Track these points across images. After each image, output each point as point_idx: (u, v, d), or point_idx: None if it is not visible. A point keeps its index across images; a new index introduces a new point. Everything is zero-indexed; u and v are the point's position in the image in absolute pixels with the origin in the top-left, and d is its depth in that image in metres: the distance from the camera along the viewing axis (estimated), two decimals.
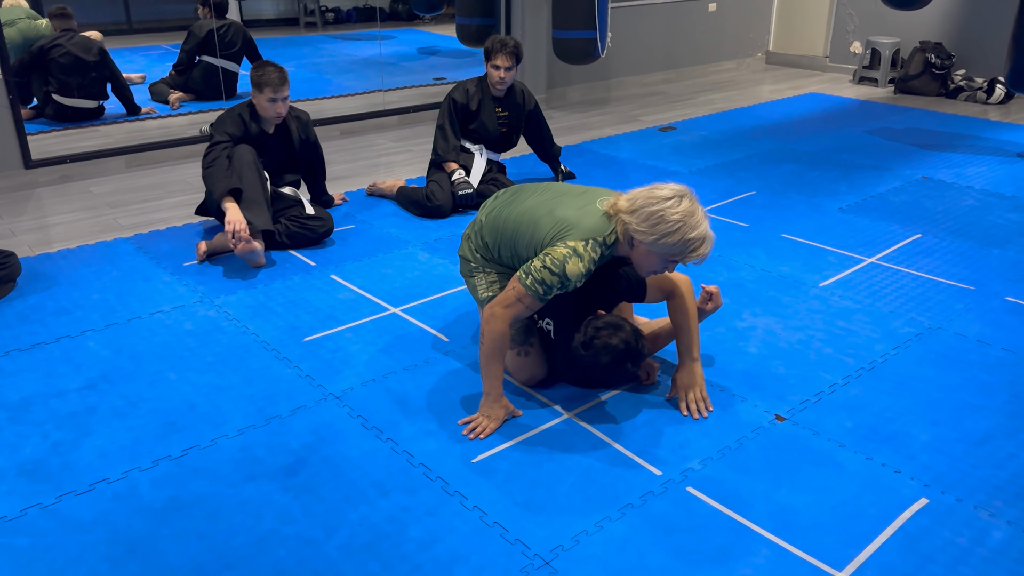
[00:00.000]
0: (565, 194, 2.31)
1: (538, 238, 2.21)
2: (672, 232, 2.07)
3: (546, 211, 2.24)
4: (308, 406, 2.37)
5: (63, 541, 1.86)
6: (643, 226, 2.09)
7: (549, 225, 2.20)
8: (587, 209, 2.20)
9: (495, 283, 2.42)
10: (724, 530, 1.88)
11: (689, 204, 2.10)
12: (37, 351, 2.67)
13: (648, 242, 2.10)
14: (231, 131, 3.41)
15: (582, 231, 2.14)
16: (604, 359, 2.17)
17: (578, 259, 2.11)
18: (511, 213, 2.33)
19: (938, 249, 3.47)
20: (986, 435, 2.23)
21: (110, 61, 5.24)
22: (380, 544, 1.84)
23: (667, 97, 6.54)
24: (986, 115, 5.87)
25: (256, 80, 3.38)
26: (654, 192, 2.12)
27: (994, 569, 1.77)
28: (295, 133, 3.60)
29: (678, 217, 2.07)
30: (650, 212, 2.09)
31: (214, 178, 3.29)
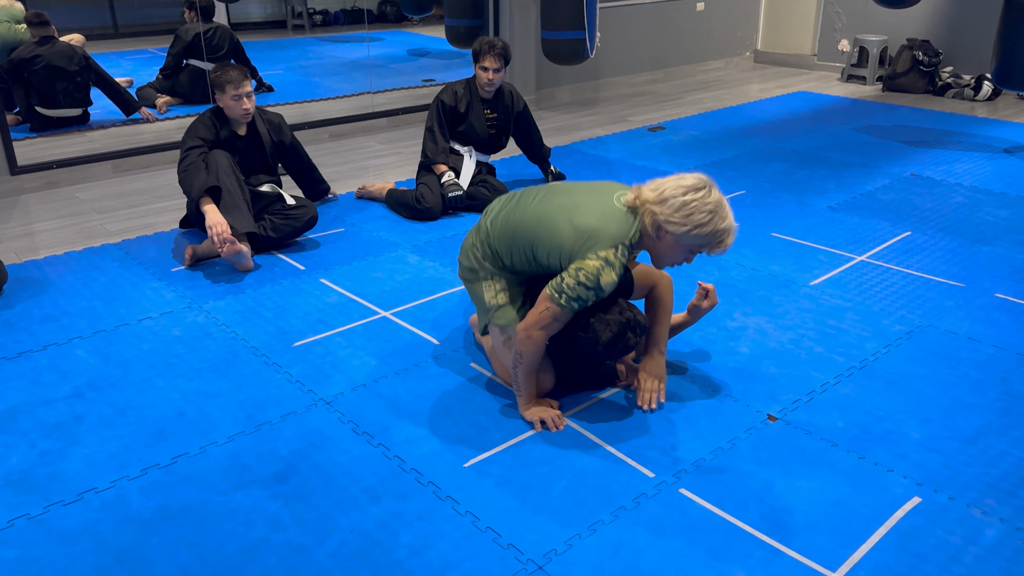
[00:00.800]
0: (577, 193, 2.24)
1: (562, 248, 2.15)
2: (705, 223, 2.06)
3: (565, 219, 2.16)
4: (298, 412, 2.35)
5: (51, 552, 1.83)
6: (676, 216, 2.07)
7: (572, 236, 2.13)
8: (607, 211, 2.15)
9: (503, 291, 2.34)
10: (717, 531, 1.88)
11: (718, 195, 2.10)
12: (24, 359, 2.65)
13: (680, 233, 2.08)
14: (203, 135, 3.40)
15: (609, 238, 2.10)
16: (605, 336, 2.17)
17: (610, 268, 2.09)
18: (523, 219, 2.25)
19: (928, 246, 3.48)
20: (977, 433, 2.23)
21: (95, 66, 5.19)
22: (371, 551, 1.83)
23: (656, 97, 6.54)
24: (974, 112, 5.89)
25: (215, 81, 3.38)
26: (681, 182, 2.10)
27: (987, 567, 1.77)
28: (265, 136, 3.59)
29: (711, 207, 2.07)
30: (683, 202, 2.06)
31: (190, 180, 3.28)
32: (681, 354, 2.64)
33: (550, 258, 2.20)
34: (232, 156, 3.43)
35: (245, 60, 5.97)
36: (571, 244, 2.13)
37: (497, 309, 2.34)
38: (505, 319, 2.33)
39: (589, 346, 2.21)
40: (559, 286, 2.12)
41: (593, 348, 2.21)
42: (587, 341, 2.20)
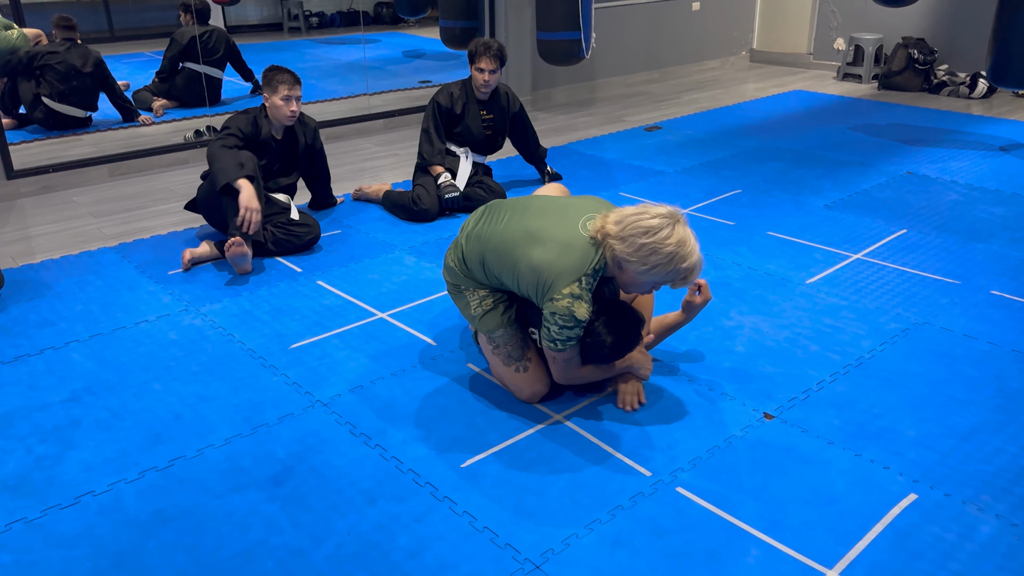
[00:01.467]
0: (544, 216, 2.22)
1: (522, 283, 2.18)
2: (664, 263, 2.07)
3: (523, 254, 2.15)
4: (295, 414, 2.35)
5: (48, 556, 1.83)
6: (635, 256, 2.06)
7: (530, 275, 2.13)
8: (570, 240, 2.13)
9: (486, 299, 2.34)
10: (714, 530, 1.88)
11: (682, 231, 2.08)
12: (20, 363, 2.65)
13: (639, 271, 2.09)
14: (244, 128, 3.44)
15: (569, 273, 2.10)
16: (608, 339, 2.20)
17: (579, 300, 2.10)
18: (489, 244, 2.24)
19: (923, 244, 3.48)
20: (973, 430, 2.23)
21: (106, 70, 5.24)
22: (368, 553, 1.83)
23: (652, 97, 6.55)
24: (969, 110, 5.90)
25: (269, 80, 3.43)
26: (643, 220, 2.07)
27: (983, 564, 1.77)
28: (302, 139, 3.65)
29: (671, 250, 2.05)
30: (642, 244, 2.05)
31: (225, 159, 3.28)
32: (677, 353, 2.64)
33: (518, 289, 2.23)
34: (260, 159, 3.47)
35: (241, 63, 5.97)
36: (530, 283, 2.16)
37: (482, 316, 2.34)
38: (490, 325, 2.34)
39: (595, 349, 2.24)
40: (548, 336, 2.18)
41: (599, 351, 2.24)
42: (593, 345, 2.23)
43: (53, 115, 5.09)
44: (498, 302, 2.35)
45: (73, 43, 5.14)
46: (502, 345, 2.34)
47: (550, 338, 2.18)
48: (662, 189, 4.21)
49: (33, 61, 5.04)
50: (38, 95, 5.06)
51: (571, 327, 2.13)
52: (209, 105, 5.60)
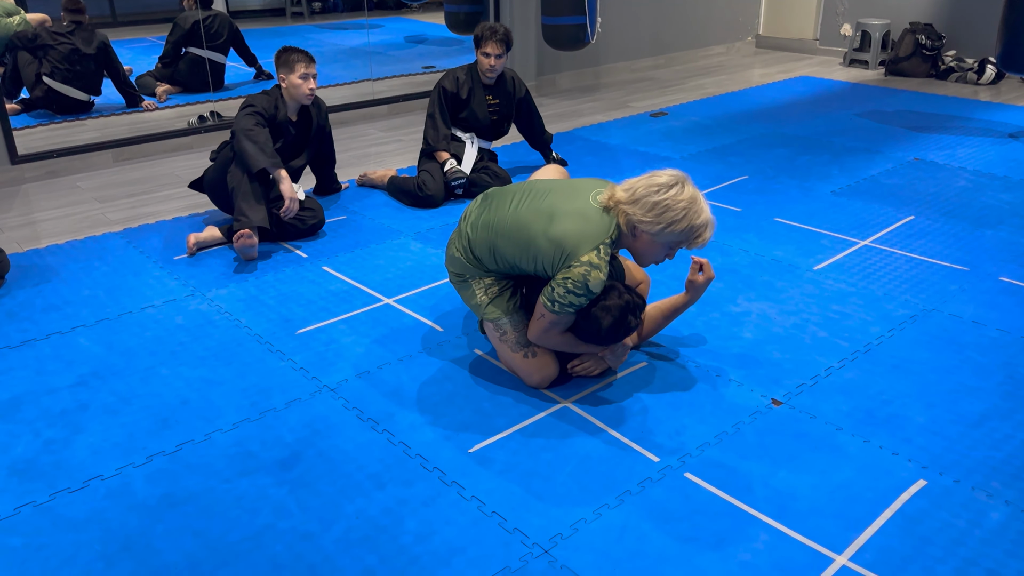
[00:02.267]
0: (553, 195, 2.23)
1: (543, 260, 2.17)
2: (678, 220, 2.07)
3: (540, 229, 2.16)
4: (302, 399, 2.35)
5: (57, 540, 1.84)
6: (648, 216, 2.08)
7: (549, 249, 2.14)
8: (584, 211, 2.15)
9: (492, 286, 2.34)
10: (723, 515, 1.88)
11: (691, 190, 2.10)
12: (27, 348, 2.65)
13: (654, 232, 2.09)
14: (267, 109, 3.45)
15: (589, 241, 2.11)
16: (607, 322, 2.20)
17: (596, 269, 2.10)
18: (501, 228, 2.24)
19: (931, 231, 3.47)
20: (982, 416, 2.23)
21: (111, 53, 5.24)
22: (377, 537, 1.83)
23: (657, 83, 6.51)
24: (977, 96, 5.86)
25: (285, 60, 3.45)
26: (653, 180, 2.10)
27: (992, 550, 1.77)
28: (315, 120, 3.66)
29: (683, 205, 2.07)
30: (654, 202, 2.07)
31: (261, 142, 3.31)
32: (685, 339, 2.64)
33: (535, 268, 2.22)
34: (276, 141, 3.49)
35: (244, 48, 5.95)
36: (550, 256, 2.15)
37: (488, 304, 2.34)
38: (496, 313, 2.33)
39: (592, 332, 2.23)
40: (551, 295, 2.15)
41: (596, 334, 2.23)
42: (589, 328, 2.22)
43: (54, 96, 5.08)
44: (503, 289, 2.34)
45: (80, 25, 5.13)
46: (509, 332, 2.34)
47: (551, 298, 2.15)
48: None
49: (36, 40, 5.04)
50: (39, 75, 5.05)
51: (579, 294, 2.12)
52: (213, 90, 5.57)
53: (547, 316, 2.21)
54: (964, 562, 1.74)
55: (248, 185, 3.28)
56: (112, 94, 5.37)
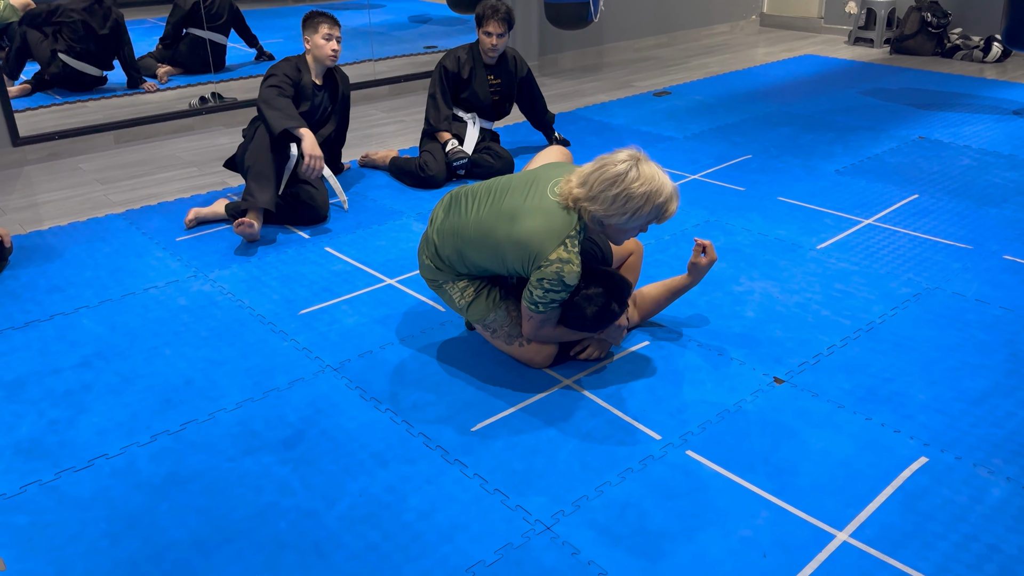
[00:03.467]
0: (512, 193, 2.17)
1: (511, 264, 2.14)
2: (642, 206, 2.04)
3: (504, 233, 2.11)
4: (305, 379, 2.36)
5: (62, 518, 1.85)
6: (612, 210, 2.04)
7: (516, 250, 2.10)
8: (545, 209, 2.10)
9: (467, 288, 2.31)
10: (724, 492, 1.88)
11: (647, 170, 2.05)
12: (31, 329, 2.65)
13: (621, 222, 2.07)
14: (290, 75, 3.44)
15: (554, 238, 2.07)
16: (591, 311, 2.20)
17: (568, 264, 2.08)
18: (465, 234, 2.21)
19: (935, 209, 3.45)
20: (984, 394, 2.23)
21: (124, 33, 5.26)
22: (380, 514, 1.84)
23: (660, 62, 6.47)
24: (983, 74, 5.82)
25: (309, 22, 3.47)
26: (606, 172, 2.04)
27: (994, 526, 1.77)
28: (340, 86, 3.66)
29: (643, 191, 2.03)
30: (614, 195, 2.03)
31: (283, 106, 3.30)
32: (687, 318, 2.63)
33: (506, 270, 2.21)
34: (301, 105, 3.47)
35: (245, 28, 5.92)
36: (519, 258, 2.12)
37: (468, 307, 2.32)
38: (480, 313, 2.32)
39: (579, 322, 2.23)
40: (531, 298, 2.15)
41: (582, 323, 2.23)
42: (576, 318, 2.22)
43: (69, 72, 5.10)
44: (479, 289, 2.31)
45: (98, 2, 5.15)
46: (498, 328, 2.33)
47: (531, 300, 2.15)
48: (671, 155, 4.17)
49: (52, 16, 5.05)
50: (55, 51, 5.07)
51: (557, 291, 2.11)
52: (214, 71, 5.55)
53: (534, 316, 2.21)
54: (965, 538, 1.74)
55: (261, 165, 3.26)
56: (113, 76, 5.35)
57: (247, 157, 3.31)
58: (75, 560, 1.73)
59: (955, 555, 1.70)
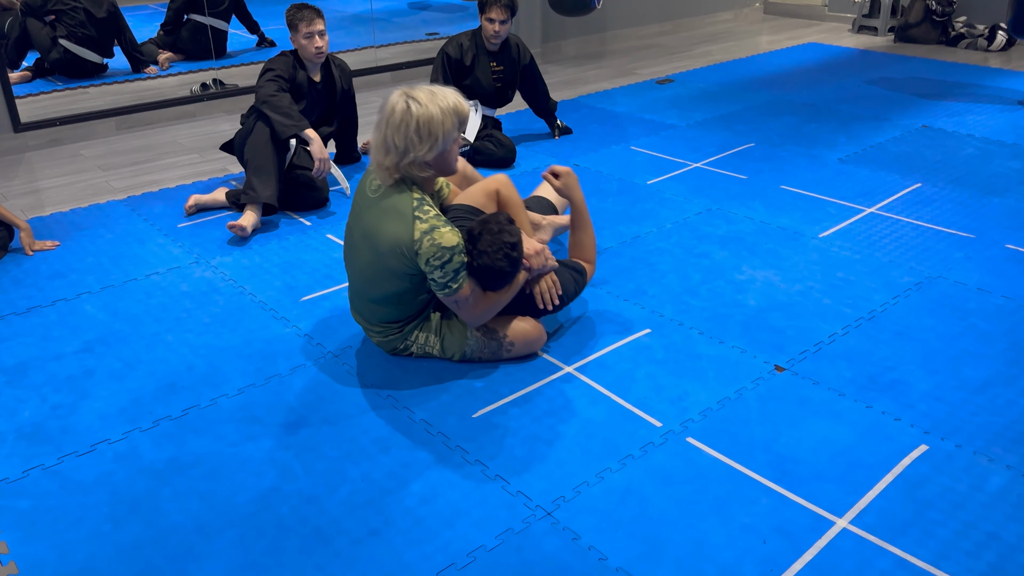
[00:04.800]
0: (359, 218, 2.19)
1: (401, 270, 2.12)
2: (436, 120, 2.04)
3: (373, 254, 2.13)
4: (307, 365, 2.36)
5: (65, 502, 1.86)
6: (418, 144, 2.05)
7: (392, 258, 2.10)
8: (380, 205, 2.11)
9: (421, 334, 2.31)
10: (724, 479, 1.89)
11: (420, 92, 2.06)
12: (33, 315, 2.66)
13: (434, 148, 2.07)
14: (285, 72, 3.40)
15: (405, 221, 2.07)
16: (496, 260, 2.14)
17: (435, 230, 2.06)
18: (356, 279, 2.25)
19: (938, 198, 3.44)
20: (985, 382, 2.23)
21: (120, 18, 5.28)
22: (382, 499, 1.85)
23: (664, 49, 6.45)
24: (987, 63, 5.79)
25: (289, 20, 3.39)
26: (393, 119, 2.04)
27: (993, 514, 1.78)
28: (339, 83, 3.62)
29: (434, 109, 2.03)
30: (407, 130, 2.03)
31: (285, 108, 3.28)
32: (688, 306, 2.64)
33: (411, 282, 2.17)
34: (298, 103, 3.44)
35: (247, 14, 5.90)
36: (402, 263, 2.11)
37: (442, 348, 2.31)
38: (456, 347, 2.30)
39: (497, 278, 2.18)
40: (440, 286, 2.12)
41: (501, 277, 2.18)
42: (492, 277, 2.18)
43: (70, 58, 5.09)
44: (434, 332, 2.31)
45: None
46: (481, 348, 2.32)
47: (442, 287, 2.12)
48: (673, 143, 4.16)
49: (47, 5, 5.04)
50: (55, 38, 5.06)
51: (449, 259, 2.07)
52: (215, 58, 5.53)
53: (460, 298, 2.16)
54: (964, 525, 1.75)
55: (262, 159, 3.25)
56: (114, 63, 5.34)
57: (247, 150, 3.30)
58: (77, 544, 1.74)
59: (954, 542, 1.71)
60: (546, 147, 4.16)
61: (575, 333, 2.49)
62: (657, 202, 3.46)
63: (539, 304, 2.34)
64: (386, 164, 2.10)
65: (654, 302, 2.66)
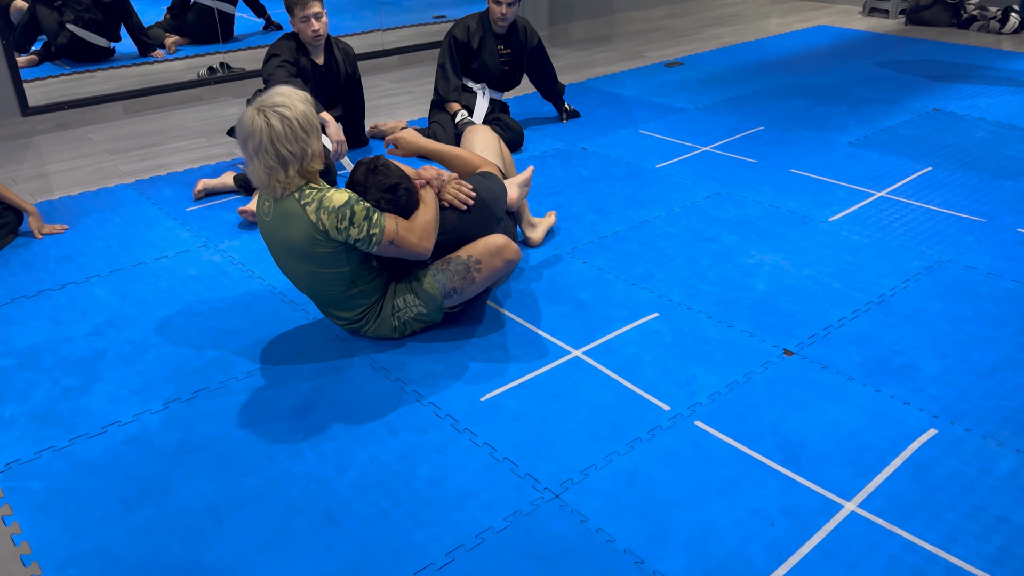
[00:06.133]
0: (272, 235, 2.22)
1: (319, 248, 2.15)
2: (303, 121, 2.09)
3: (302, 259, 2.18)
4: (315, 348, 2.37)
5: (77, 483, 1.88)
6: (314, 141, 2.11)
7: (310, 243, 2.13)
8: (285, 213, 2.14)
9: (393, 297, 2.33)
10: (732, 462, 1.89)
11: (264, 102, 2.09)
12: (43, 298, 2.67)
13: (313, 146, 2.12)
14: (289, 56, 3.38)
15: (297, 213, 2.11)
16: (400, 194, 2.23)
17: (324, 197, 2.10)
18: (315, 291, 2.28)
19: (949, 182, 3.42)
20: (995, 366, 2.22)
21: (128, 4, 5.27)
22: (391, 481, 1.86)
23: (672, 32, 6.40)
24: (999, 45, 5.73)
25: (286, 3, 3.37)
26: (274, 141, 2.06)
27: (1001, 497, 1.78)
28: (342, 67, 3.59)
29: (290, 113, 2.07)
30: (300, 137, 2.08)
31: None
32: (697, 290, 2.63)
33: (345, 261, 2.20)
34: (305, 83, 3.42)
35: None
36: (323, 247, 2.14)
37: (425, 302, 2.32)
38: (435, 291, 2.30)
39: (407, 201, 2.24)
40: (366, 239, 2.14)
41: (408, 197, 2.24)
42: (403, 207, 2.23)
43: (77, 42, 5.09)
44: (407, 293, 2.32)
45: None
46: (459, 280, 2.30)
47: (367, 241, 2.14)
48: (682, 126, 4.14)
49: None
50: (61, 23, 5.06)
51: (351, 215, 2.10)
52: (222, 41, 5.52)
53: (394, 238, 2.16)
54: (973, 508, 1.75)
55: None
56: (121, 47, 5.33)
57: None
58: (89, 525, 1.76)
59: (963, 525, 1.71)
60: (554, 131, 4.15)
61: (583, 317, 2.49)
62: (666, 186, 3.45)
63: (458, 205, 2.35)
64: (284, 179, 2.11)
65: (662, 286, 2.66)
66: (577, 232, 3.04)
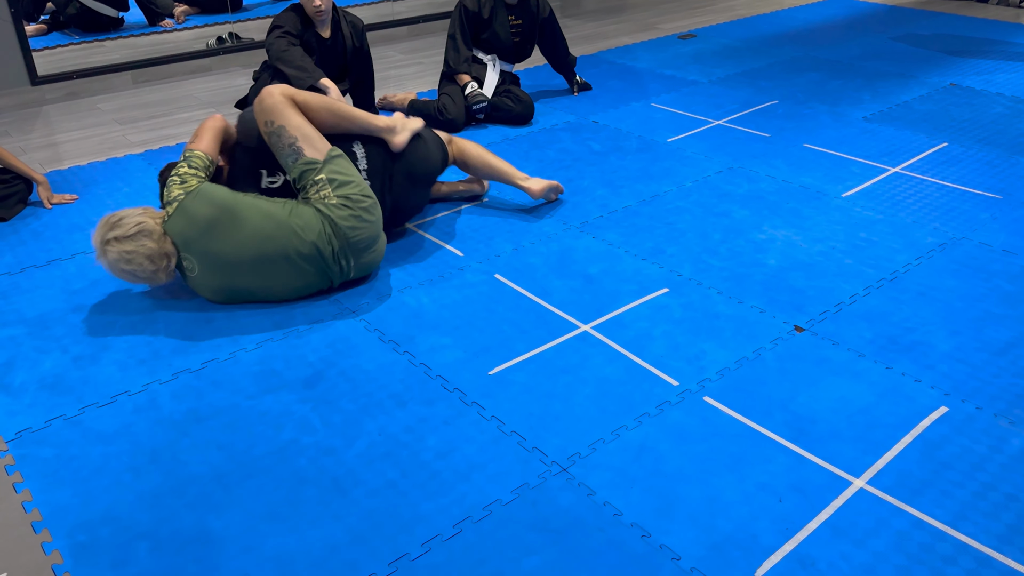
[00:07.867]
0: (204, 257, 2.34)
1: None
2: (156, 248, 2.28)
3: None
4: (325, 320, 2.36)
5: (87, 451, 1.89)
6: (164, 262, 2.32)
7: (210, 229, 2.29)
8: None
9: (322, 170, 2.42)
10: (741, 438, 1.89)
11: (107, 236, 2.29)
12: (53, 267, 2.67)
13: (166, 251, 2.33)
14: (294, 28, 3.37)
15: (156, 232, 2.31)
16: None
17: (170, 194, 2.34)
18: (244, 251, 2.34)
19: (964, 158, 3.38)
20: (1008, 344, 2.20)
21: None
22: (398, 453, 1.86)
23: (686, 3, 6.31)
24: (1019, 19, 5.63)
25: None
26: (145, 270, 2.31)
27: (1012, 475, 1.77)
28: (350, 40, 3.56)
29: (144, 248, 2.27)
30: (154, 262, 2.29)
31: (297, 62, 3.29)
32: (707, 265, 2.61)
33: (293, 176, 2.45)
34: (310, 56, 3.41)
35: None
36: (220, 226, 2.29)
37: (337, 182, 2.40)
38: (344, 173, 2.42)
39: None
40: (180, 180, 2.36)
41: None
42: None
43: (86, 12, 5.06)
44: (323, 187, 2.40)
45: None
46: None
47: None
48: (695, 100, 4.09)
49: None
50: None
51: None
52: (231, 11, 5.48)
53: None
54: (983, 487, 1.74)
55: None
56: (129, 16, 5.30)
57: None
58: (99, 492, 1.77)
59: (972, 503, 1.70)
60: (565, 103, 4.11)
61: (592, 292, 2.48)
62: (677, 160, 3.41)
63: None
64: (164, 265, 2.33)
65: (672, 261, 2.64)
66: (587, 206, 3.02)
